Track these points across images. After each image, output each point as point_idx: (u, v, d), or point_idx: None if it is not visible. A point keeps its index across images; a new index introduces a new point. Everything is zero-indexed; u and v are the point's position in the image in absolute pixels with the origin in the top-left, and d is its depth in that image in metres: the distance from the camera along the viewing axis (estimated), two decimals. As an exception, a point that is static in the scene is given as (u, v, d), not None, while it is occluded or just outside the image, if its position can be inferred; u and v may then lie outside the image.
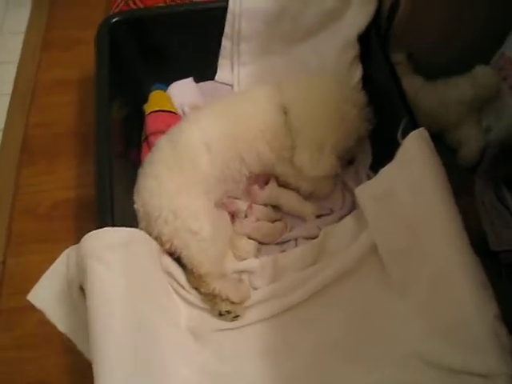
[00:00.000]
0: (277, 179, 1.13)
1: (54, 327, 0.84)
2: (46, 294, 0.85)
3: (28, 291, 0.84)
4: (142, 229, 0.98)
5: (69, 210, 1.26)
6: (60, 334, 0.84)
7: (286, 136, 1.04)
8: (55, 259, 0.86)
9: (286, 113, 1.04)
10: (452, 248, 0.77)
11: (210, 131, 1.02)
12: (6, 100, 1.43)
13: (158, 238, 0.97)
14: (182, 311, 0.97)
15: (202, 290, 0.97)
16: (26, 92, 1.45)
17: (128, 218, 0.98)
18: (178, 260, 0.99)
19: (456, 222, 0.79)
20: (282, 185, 1.12)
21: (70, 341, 0.83)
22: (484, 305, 0.72)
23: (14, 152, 1.35)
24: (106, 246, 0.83)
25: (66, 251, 0.86)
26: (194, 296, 0.98)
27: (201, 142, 1.00)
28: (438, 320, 0.81)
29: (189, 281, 0.99)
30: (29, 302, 0.83)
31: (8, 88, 1.44)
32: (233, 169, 1.04)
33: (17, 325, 1.12)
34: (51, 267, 0.86)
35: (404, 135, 0.90)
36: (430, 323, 0.82)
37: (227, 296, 0.95)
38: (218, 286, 0.95)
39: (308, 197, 1.12)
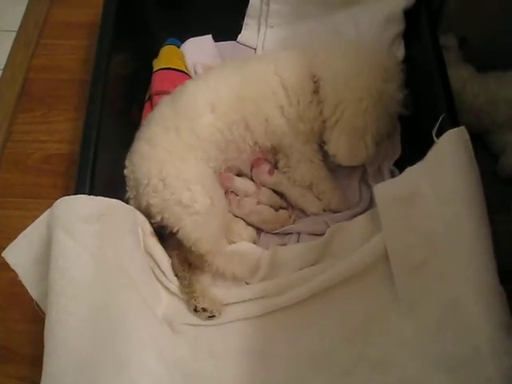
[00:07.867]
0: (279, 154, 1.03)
1: (26, 291, 0.79)
2: (23, 254, 0.80)
3: (4, 247, 0.79)
4: (130, 199, 0.93)
5: (60, 166, 1.20)
6: (32, 300, 0.79)
7: (311, 106, 0.95)
8: (38, 217, 0.80)
9: (315, 82, 0.95)
10: (475, 274, 0.70)
11: (218, 90, 0.94)
12: (11, 37, 1.37)
13: (147, 210, 0.90)
14: (162, 297, 0.92)
15: (206, 270, 0.91)
16: (33, 31, 1.38)
17: (116, 186, 0.93)
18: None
19: (485, 243, 0.70)
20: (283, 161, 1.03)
21: (40, 309, 0.78)
22: (501, 348, 0.65)
23: (11, 95, 1.29)
24: (77, 216, 0.77)
25: (49, 210, 0.80)
26: (174, 285, 0.92)
27: (206, 101, 0.93)
28: (446, 351, 0.75)
29: (173, 267, 0.93)
30: (3, 258, 0.78)
31: (15, 24, 1.39)
32: (236, 134, 0.95)
33: (-13, 281, 1.08)
34: (31, 225, 0.80)
35: (440, 132, 0.80)
36: (435, 352, 0.76)
37: (234, 274, 0.91)
38: (220, 264, 0.90)
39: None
